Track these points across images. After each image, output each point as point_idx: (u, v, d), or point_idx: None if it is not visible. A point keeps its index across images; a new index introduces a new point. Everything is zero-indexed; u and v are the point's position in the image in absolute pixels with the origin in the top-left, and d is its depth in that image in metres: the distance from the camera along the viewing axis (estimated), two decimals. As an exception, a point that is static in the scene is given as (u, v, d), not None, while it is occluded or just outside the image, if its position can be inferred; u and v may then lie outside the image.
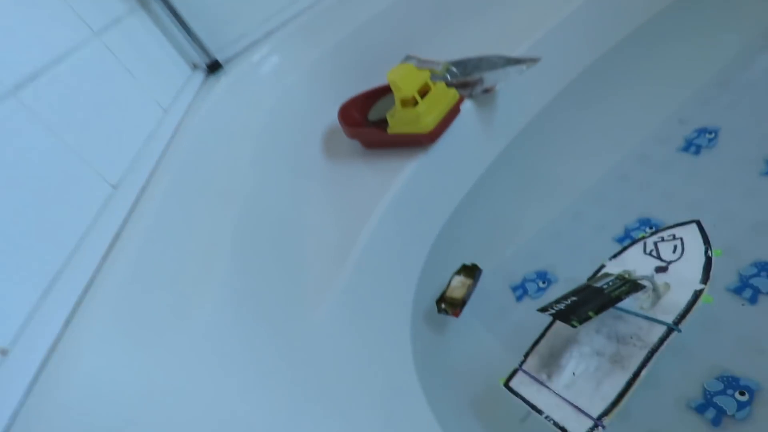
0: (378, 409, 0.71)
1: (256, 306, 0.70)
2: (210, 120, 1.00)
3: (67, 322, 0.56)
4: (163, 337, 0.58)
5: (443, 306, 0.87)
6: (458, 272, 0.91)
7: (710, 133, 0.91)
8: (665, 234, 0.70)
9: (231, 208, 0.81)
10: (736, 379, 0.62)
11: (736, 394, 0.60)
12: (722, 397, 0.61)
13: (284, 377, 0.64)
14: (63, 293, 0.59)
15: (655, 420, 0.63)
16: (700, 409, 0.61)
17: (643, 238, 0.72)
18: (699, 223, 0.68)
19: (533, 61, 0.98)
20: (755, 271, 0.70)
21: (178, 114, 1.04)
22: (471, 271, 0.90)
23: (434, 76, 1.05)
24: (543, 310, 0.62)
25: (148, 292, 0.62)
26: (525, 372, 0.67)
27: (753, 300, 0.68)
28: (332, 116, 1.13)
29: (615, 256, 0.73)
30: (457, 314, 0.86)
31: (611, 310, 0.61)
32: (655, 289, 0.62)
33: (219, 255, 0.71)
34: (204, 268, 0.68)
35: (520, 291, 0.86)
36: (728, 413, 0.59)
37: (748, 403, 0.59)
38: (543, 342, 0.68)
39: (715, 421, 0.59)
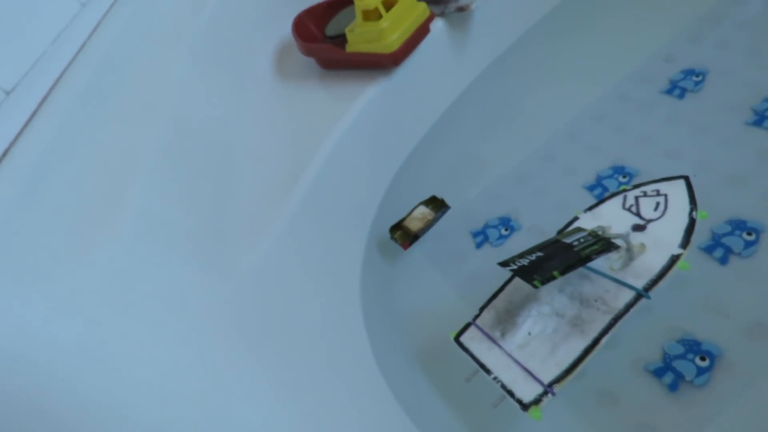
0: (319, 358, 0.65)
1: (178, 242, 0.61)
2: (137, 20, 0.85)
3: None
4: (55, 276, 0.48)
5: (396, 234, 0.82)
6: (426, 203, 0.85)
7: (697, 75, 0.84)
8: (648, 189, 0.64)
9: (155, 126, 0.69)
10: (698, 343, 0.58)
11: (697, 359, 0.57)
12: (682, 362, 0.57)
13: (210, 323, 0.56)
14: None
15: (609, 381, 0.60)
16: (658, 373, 0.58)
17: (624, 191, 0.66)
18: (687, 180, 0.62)
19: (516, -23, 0.86)
20: (729, 229, 0.65)
21: (99, 10, 0.87)
22: (437, 206, 0.83)
23: (403, -12, 0.91)
24: (504, 264, 0.56)
25: (40, 221, 0.51)
26: (478, 327, 0.61)
27: (723, 260, 0.63)
28: (286, 27, 0.98)
29: (591, 208, 0.66)
30: (405, 246, 0.81)
31: (578, 269, 0.55)
32: (628, 250, 0.57)
33: (134, 180, 0.60)
34: (114, 197, 0.57)
35: (481, 237, 0.80)
36: (687, 378, 0.56)
37: (708, 369, 0.56)
38: (501, 296, 0.62)
39: (672, 386, 0.56)
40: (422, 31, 0.85)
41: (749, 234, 0.64)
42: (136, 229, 0.56)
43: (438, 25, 0.88)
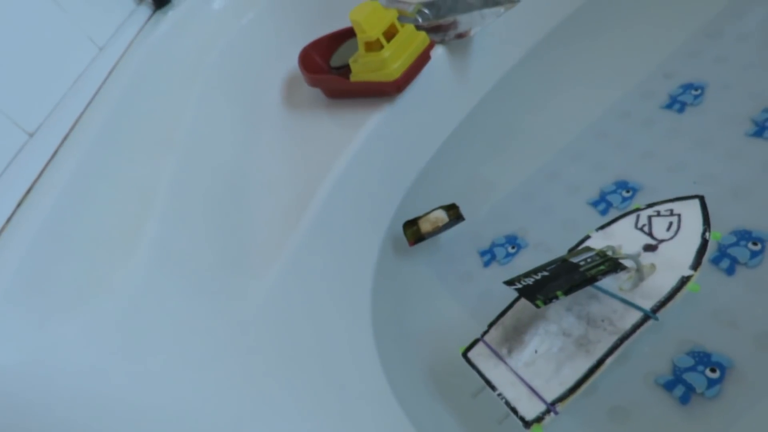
0: (332, 377, 0.66)
1: (194, 271, 0.63)
2: (151, 60, 0.89)
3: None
4: (76, 307, 0.51)
5: (408, 230, 0.85)
6: (446, 207, 0.86)
7: (696, 89, 0.85)
8: (662, 208, 0.64)
9: (170, 161, 0.72)
10: (707, 355, 0.58)
11: (707, 371, 0.57)
12: (692, 374, 0.57)
13: (222, 353, 0.57)
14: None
15: (620, 396, 0.60)
16: (669, 386, 0.58)
17: (638, 209, 0.66)
18: (702, 200, 0.62)
19: (512, 3, 0.88)
20: (734, 240, 0.66)
21: (115, 53, 0.92)
22: (454, 214, 0.85)
23: (403, 18, 0.94)
24: (509, 283, 0.57)
25: (61, 254, 0.54)
26: (485, 344, 0.62)
27: (730, 271, 0.63)
28: (293, 60, 1.02)
29: (603, 227, 0.66)
30: (411, 244, 0.84)
31: (587, 288, 0.56)
32: (638, 270, 0.57)
33: (151, 213, 0.63)
34: (130, 229, 0.60)
35: (489, 256, 0.81)
36: (698, 391, 0.56)
37: (719, 380, 0.56)
38: (510, 313, 0.63)
39: (684, 399, 0.56)
40: (423, 59, 0.87)
41: (755, 244, 0.64)
42: (153, 260, 0.59)
43: (439, 52, 0.91)
